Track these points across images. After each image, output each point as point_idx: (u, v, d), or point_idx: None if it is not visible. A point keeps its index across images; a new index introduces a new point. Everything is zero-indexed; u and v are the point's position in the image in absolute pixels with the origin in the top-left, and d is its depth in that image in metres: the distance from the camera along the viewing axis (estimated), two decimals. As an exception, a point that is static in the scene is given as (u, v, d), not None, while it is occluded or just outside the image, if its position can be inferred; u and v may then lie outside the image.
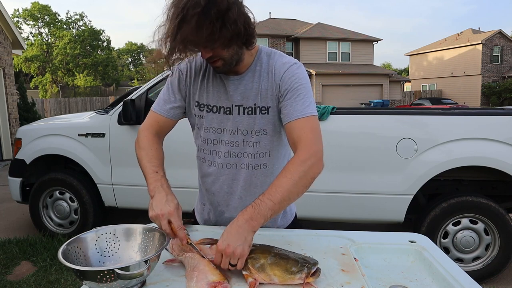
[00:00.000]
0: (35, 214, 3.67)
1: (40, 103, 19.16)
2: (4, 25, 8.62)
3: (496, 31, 26.92)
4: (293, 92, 1.07)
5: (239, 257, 0.89)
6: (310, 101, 1.08)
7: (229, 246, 0.89)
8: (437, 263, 0.96)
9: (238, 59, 1.08)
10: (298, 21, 26.98)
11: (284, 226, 1.29)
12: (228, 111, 1.15)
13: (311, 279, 0.84)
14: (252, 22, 1.02)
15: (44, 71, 30.08)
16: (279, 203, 0.95)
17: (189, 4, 0.91)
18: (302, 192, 1.00)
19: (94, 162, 3.43)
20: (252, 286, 0.84)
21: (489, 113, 2.84)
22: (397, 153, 2.81)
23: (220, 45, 0.98)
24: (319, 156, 1.03)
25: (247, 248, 0.90)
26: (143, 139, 1.19)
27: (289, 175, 0.98)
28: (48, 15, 31.13)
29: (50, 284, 2.76)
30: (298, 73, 1.10)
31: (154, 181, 1.07)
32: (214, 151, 1.20)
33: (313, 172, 1.01)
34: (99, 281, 0.77)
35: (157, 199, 1.01)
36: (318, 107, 3.00)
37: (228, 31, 0.95)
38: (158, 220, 0.99)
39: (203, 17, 0.91)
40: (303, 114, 1.05)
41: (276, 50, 1.18)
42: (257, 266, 0.87)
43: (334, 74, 22.10)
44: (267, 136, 1.15)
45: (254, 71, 1.13)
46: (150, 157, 1.15)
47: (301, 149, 1.02)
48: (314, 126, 1.06)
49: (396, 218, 2.89)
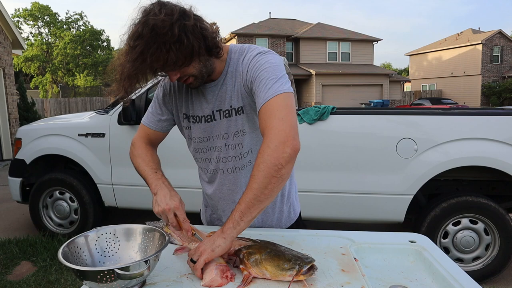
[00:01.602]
0: (35, 214, 3.67)
1: (40, 103, 19.16)
2: (4, 25, 8.62)
3: (496, 31, 26.91)
4: (257, 82, 1.02)
5: (199, 254, 0.92)
6: (273, 82, 0.99)
7: (200, 244, 0.95)
8: (437, 263, 0.96)
9: (208, 71, 1.07)
10: (298, 21, 26.98)
11: (288, 225, 1.30)
12: (210, 118, 1.16)
13: (302, 277, 0.85)
14: (211, 32, 1.00)
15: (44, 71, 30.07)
16: (245, 202, 0.93)
17: (135, 36, 0.92)
18: (270, 184, 0.91)
19: (94, 162, 3.43)
20: (245, 279, 0.88)
21: (489, 113, 2.84)
22: (397, 153, 2.81)
23: (181, 65, 0.98)
24: (283, 137, 0.91)
25: (209, 250, 0.92)
26: (137, 149, 1.23)
27: (252, 172, 0.94)
28: (48, 15, 31.12)
29: (50, 284, 2.76)
30: (259, 61, 1.04)
31: (155, 180, 1.10)
32: (206, 159, 1.22)
33: (275, 158, 0.90)
34: (99, 281, 0.77)
35: (161, 195, 1.05)
36: (318, 107, 3.00)
37: (182, 52, 0.94)
38: (164, 214, 1.03)
39: (149, 46, 0.91)
40: (265, 99, 0.98)
41: (250, 45, 1.14)
42: (252, 261, 0.90)
43: (334, 74, 22.09)
44: (247, 135, 1.15)
45: (226, 74, 1.12)
46: (147, 162, 1.18)
47: (263, 139, 0.95)
48: (276, 106, 0.95)
49: (396, 218, 2.89)
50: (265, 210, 1.25)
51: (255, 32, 22.45)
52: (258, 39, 22.32)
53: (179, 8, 0.96)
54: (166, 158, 3.18)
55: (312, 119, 2.92)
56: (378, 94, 23.42)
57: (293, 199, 1.32)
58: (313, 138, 2.92)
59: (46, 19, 31.18)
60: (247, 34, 22.19)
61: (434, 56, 29.81)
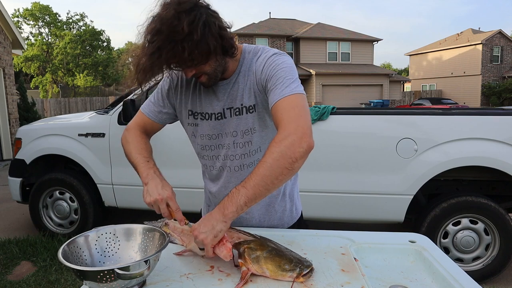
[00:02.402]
0: (35, 214, 3.67)
1: (40, 103, 19.15)
2: (4, 25, 8.62)
3: (496, 31, 26.91)
4: (273, 80, 1.04)
5: (201, 243, 0.93)
6: (290, 81, 1.02)
7: (195, 230, 0.95)
8: (437, 263, 0.96)
9: (222, 70, 1.08)
10: (298, 21, 26.98)
11: (290, 224, 1.30)
12: (220, 116, 1.16)
13: (301, 279, 0.86)
14: (228, 32, 1.02)
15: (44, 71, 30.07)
16: (252, 188, 0.93)
17: (153, 31, 0.93)
18: (281, 175, 0.93)
19: (94, 162, 3.43)
20: (243, 275, 0.88)
21: (489, 113, 2.84)
22: (397, 153, 2.81)
23: (197, 64, 0.99)
24: (301, 133, 0.93)
25: (211, 236, 0.92)
26: (131, 135, 1.22)
27: (264, 158, 0.94)
28: (48, 15, 31.12)
29: (50, 284, 2.76)
30: (275, 61, 1.07)
31: (147, 169, 1.09)
32: (214, 156, 1.21)
33: (291, 151, 0.92)
34: (99, 281, 0.77)
35: (153, 185, 1.04)
36: (318, 107, 3.00)
37: (199, 51, 0.95)
38: (157, 204, 1.01)
39: (166, 43, 0.92)
40: (282, 95, 1.00)
41: (264, 46, 1.16)
42: (253, 257, 0.90)
43: (334, 74, 22.10)
44: (257, 133, 1.15)
45: (239, 73, 1.13)
46: (140, 150, 1.17)
47: (279, 130, 0.97)
48: (294, 103, 0.98)
49: (396, 218, 2.89)
50: (269, 209, 1.25)
51: (255, 32, 22.44)
52: (258, 39, 22.32)
53: (197, 4, 0.95)
54: (167, 158, 3.20)
55: (312, 119, 2.91)
56: (378, 94, 23.42)
57: (296, 199, 1.33)
58: (313, 138, 2.92)
59: (47, 19, 31.18)
60: (247, 34, 22.19)
61: (434, 56, 29.81)
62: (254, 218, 1.25)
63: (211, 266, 0.96)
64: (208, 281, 0.89)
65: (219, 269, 0.95)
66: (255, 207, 1.23)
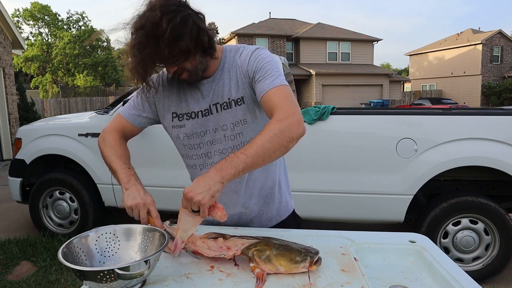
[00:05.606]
0: (35, 214, 3.67)
1: (40, 103, 19.14)
2: (4, 25, 8.62)
3: (496, 31, 26.90)
4: (261, 71, 1.10)
5: (198, 204, 0.92)
6: (278, 74, 1.09)
7: (190, 191, 0.93)
8: (437, 263, 0.96)
9: (203, 68, 1.11)
10: (298, 21, 26.97)
11: (286, 215, 1.32)
12: (207, 112, 1.17)
13: (314, 267, 0.89)
14: (209, 34, 1.06)
15: (44, 71, 30.06)
16: (252, 156, 0.95)
17: (136, 26, 1.00)
18: (278, 150, 0.98)
19: (94, 162, 3.42)
20: (259, 276, 0.88)
21: (489, 113, 2.84)
22: (397, 153, 2.81)
23: (176, 61, 1.04)
24: (297, 117, 1.01)
25: (208, 197, 0.92)
26: (110, 139, 1.22)
27: (264, 132, 0.98)
28: (48, 15, 31.10)
29: (50, 284, 2.76)
30: (261, 54, 1.13)
31: (128, 176, 1.11)
32: (203, 154, 1.21)
33: (290, 131, 0.99)
34: (99, 281, 0.77)
35: (134, 191, 1.06)
36: (318, 107, 3.00)
37: (178, 50, 0.99)
38: (137, 209, 1.03)
39: (148, 40, 0.98)
40: (273, 85, 1.06)
41: (244, 44, 1.22)
42: (264, 258, 0.91)
43: (334, 74, 22.09)
44: (247, 124, 1.17)
45: (223, 69, 1.16)
46: (119, 155, 1.18)
47: (276, 112, 1.02)
48: (286, 93, 1.06)
49: (396, 218, 2.89)
50: (267, 201, 1.27)
51: (255, 32, 22.44)
52: (258, 39, 22.32)
53: (181, 5, 1.01)
54: (164, 158, 3.19)
55: (312, 119, 2.91)
56: (378, 94, 23.41)
57: (288, 191, 1.36)
58: (313, 138, 2.92)
59: (46, 19, 31.17)
60: (247, 34, 22.18)
61: (434, 56, 29.79)
62: (254, 211, 1.26)
63: (211, 266, 0.96)
64: (208, 281, 0.89)
65: (219, 269, 0.94)
66: (254, 200, 1.24)
